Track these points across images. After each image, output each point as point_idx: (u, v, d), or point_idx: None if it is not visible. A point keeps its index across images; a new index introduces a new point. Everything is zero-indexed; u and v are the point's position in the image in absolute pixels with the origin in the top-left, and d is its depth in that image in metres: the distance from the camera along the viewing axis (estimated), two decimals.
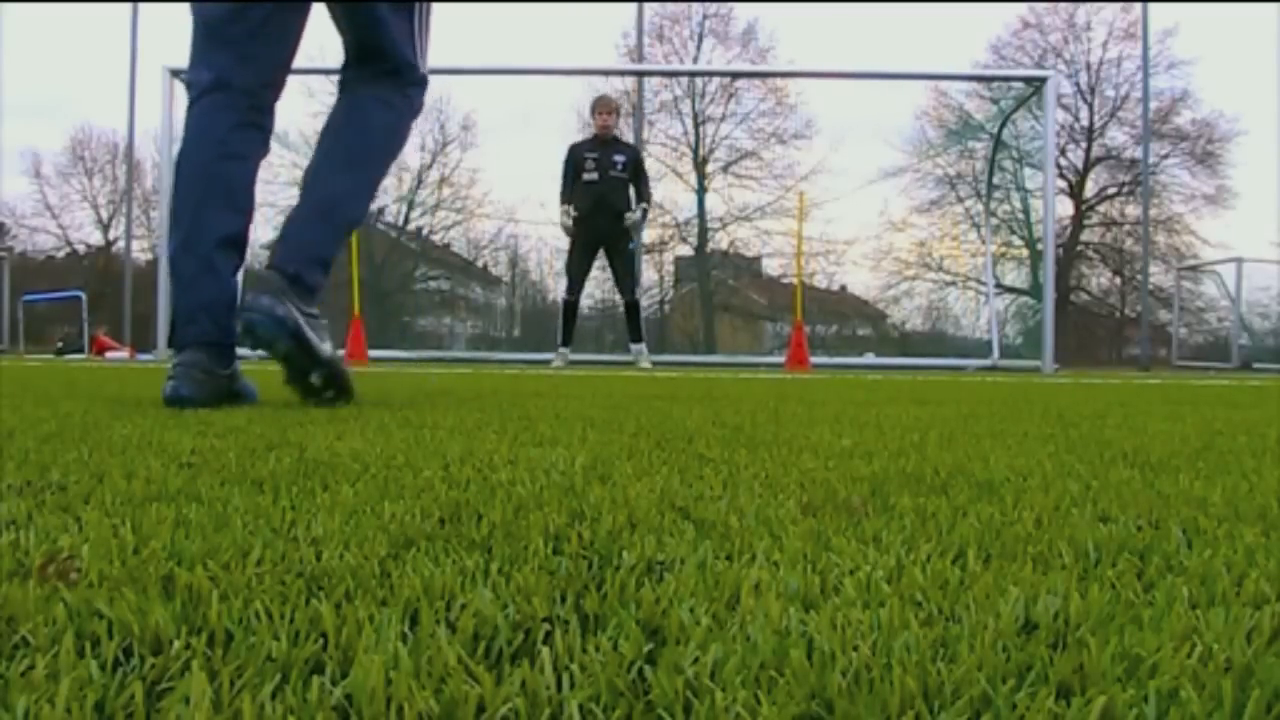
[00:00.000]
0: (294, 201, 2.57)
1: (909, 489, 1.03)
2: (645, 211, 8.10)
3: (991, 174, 12.86)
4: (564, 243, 8.42)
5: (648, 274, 15.26)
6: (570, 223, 7.96)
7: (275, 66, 2.42)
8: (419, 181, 20.04)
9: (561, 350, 8.64)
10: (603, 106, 8.25)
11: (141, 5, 14.76)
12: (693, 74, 20.14)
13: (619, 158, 8.07)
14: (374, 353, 10.09)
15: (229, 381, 2.31)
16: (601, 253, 8.27)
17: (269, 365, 2.45)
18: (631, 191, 8.13)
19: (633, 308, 8.51)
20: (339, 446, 1.36)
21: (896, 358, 13.40)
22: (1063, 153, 22.51)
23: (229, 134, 2.32)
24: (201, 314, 2.25)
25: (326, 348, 2.30)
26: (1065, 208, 22.93)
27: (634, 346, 8.65)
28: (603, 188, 7.95)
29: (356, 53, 2.53)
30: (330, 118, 2.51)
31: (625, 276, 8.33)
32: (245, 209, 2.37)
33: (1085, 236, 23.99)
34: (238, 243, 2.34)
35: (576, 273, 8.29)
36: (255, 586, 0.58)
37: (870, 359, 13.01)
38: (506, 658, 0.47)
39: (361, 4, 2.44)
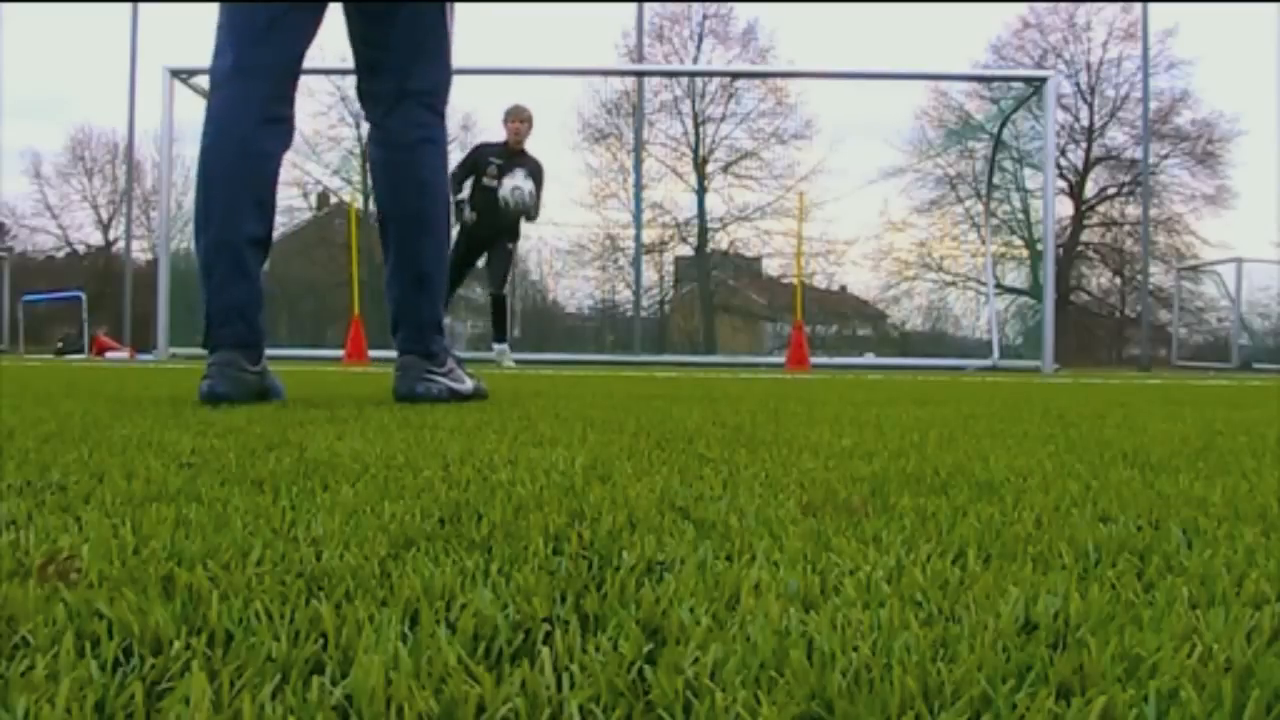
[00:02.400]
0: (294, 201, 2.65)
1: (909, 489, 1.03)
2: (533, 197, 7.89)
3: (991, 174, 12.86)
4: (564, 243, 8.42)
5: (648, 274, 15.26)
6: (469, 221, 7.86)
7: (292, 58, 2.46)
8: None
9: (498, 348, 8.54)
10: (515, 115, 8.11)
11: (141, 5, 14.76)
12: (693, 74, 20.14)
13: (520, 170, 7.90)
14: (374, 353, 10.08)
15: (260, 379, 2.42)
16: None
17: (299, 366, 2.47)
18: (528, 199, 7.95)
19: (499, 301, 8.41)
20: (339, 446, 1.36)
21: (896, 358, 13.40)
22: (1063, 153, 22.51)
23: (254, 130, 2.37)
24: (235, 315, 2.36)
25: (468, 384, 2.64)
26: (1065, 208, 22.94)
27: (496, 346, 8.56)
28: (496, 197, 7.81)
29: (391, 75, 2.55)
30: (386, 163, 2.59)
31: (499, 271, 8.25)
32: (271, 208, 2.47)
33: (1085, 236, 23.99)
34: (265, 243, 2.44)
35: (458, 274, 8.15)
36: (255, 586, 0.58)
37: (870, 359, 13.01)
38: (506, 658, 0.47)
39: (397, 4, 2.49)
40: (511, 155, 8.01)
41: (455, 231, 7.98)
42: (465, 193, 7.91)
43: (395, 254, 2.58)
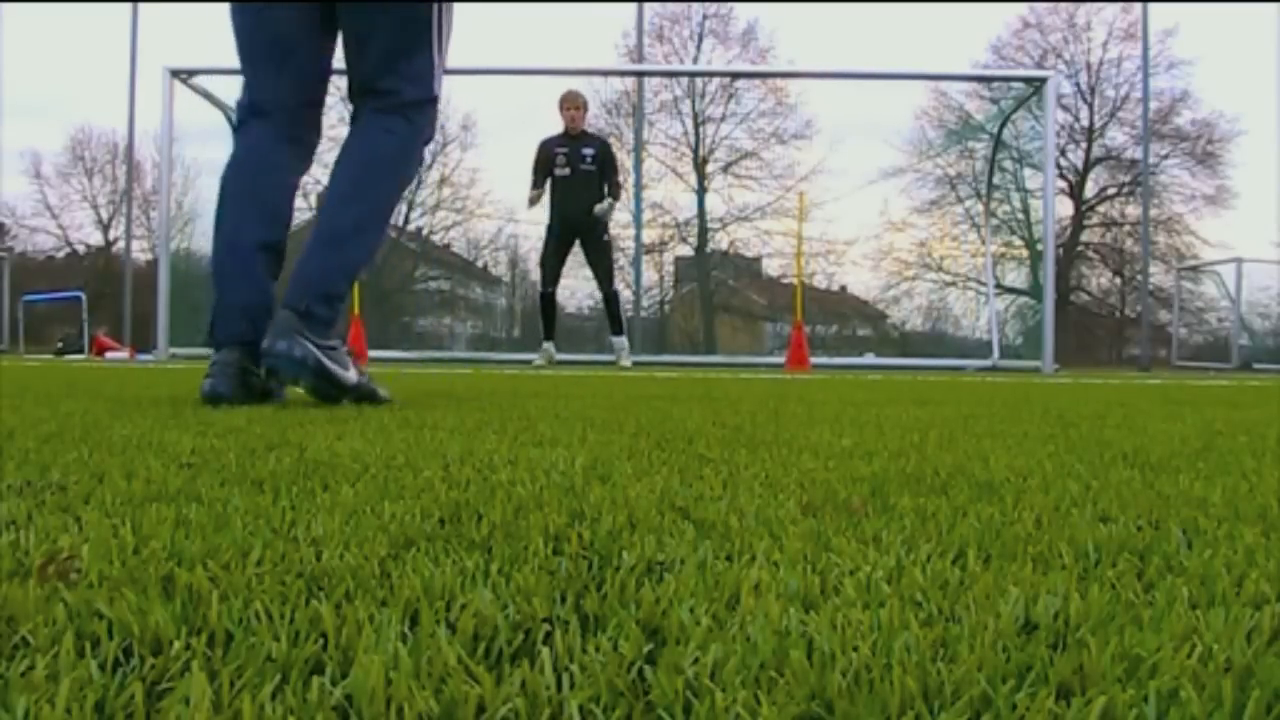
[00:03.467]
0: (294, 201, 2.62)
1: (909, 489, 1.03)
2: (612, 204, 8.13)
3: (991, 174, 12.86)
4: None
5: (648, 274, 15.27)
6: (535, 196, 8.06)
7: (306, 82, 2.58)
8: (419, 182, 20.04)
9: (545, 346, 8.63)
10: (569, 102, 8.24)
11: (141, 5, 14.76)
12: (693, 74, 20.14)
13: (588, 151, 8.12)
14: (374, 353, 10.08)
15: (262, 380, 2.41)
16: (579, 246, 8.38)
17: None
18: (605, 186, 8.19)
19: (610, 299, 8.48)
20: (339, 446, 1.36)
21: (896, 358, 13.40)
22: (1063, 153, 22.51)
23: (270, 152, 2.52)
24: (239, 315, 2.40)
25: (351, 374, 2.41)
26: (1065, 208, 22.94)
27: (615, 340, 8.66)
28: (573, 182, 8.03)
29: (360, 75, 2.57)
30: (344, 145, 2.59)
31: (601, 267, 8.36)
32: (285, 220, 2.54)
33: (1085, 237, 23.99)
34: (277, 250, 2.49)
35: (551, 267, 8.36)
36: (255, 586, 0.58)
37: (870, 359, 13.01)
38: (506, 658, 0.47)
39: (375, 4, 2.49)
40: (573, 140, 8.15)
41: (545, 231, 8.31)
42: (538, 192, 8.11)
43: (321, 218, 2.53)
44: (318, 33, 2.53)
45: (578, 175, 8.05)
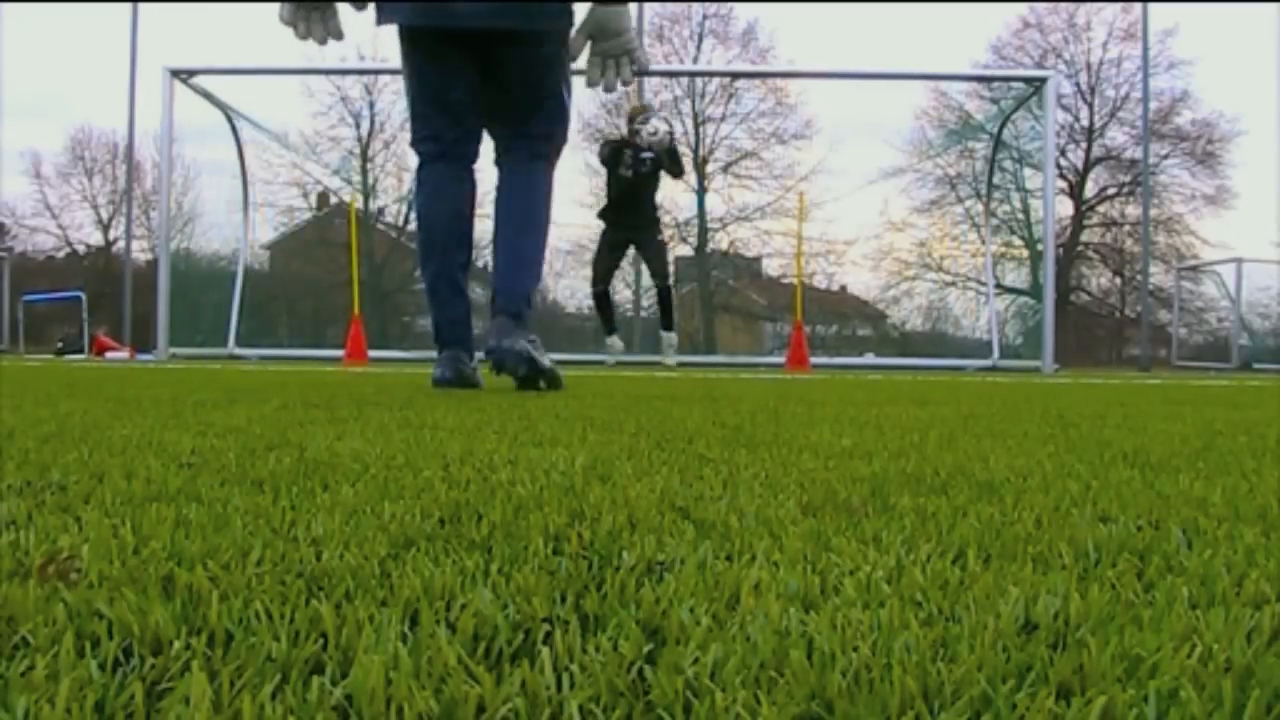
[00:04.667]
0: (294, 201, 2.87)
1: (909, 489, 1.03)
2: (670, 135, 8.35)
3: (991, 174, 12.86)
4: (563, 244, 8.60)
5: (647, 274, 15.25)
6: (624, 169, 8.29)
7: (472, 117, 3.25)
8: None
9: (610, 340, 8.90)
10: (638, 119, 8.54)
11: (141, 5, 14.77)
12: (693, 74, 20.14)
13: (648, 155, 8.35)
14: (374, 353, 10.09)
15: (472, 371, 3.29)
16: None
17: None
18: (661, 182, 8.44)
19: (665, 293, 8.73)
20: (339, 446, 1.36)
21: (896, 358, 13.40)
22: (1063, 153, 22.52)
23: (455, 189, 3.28)
24: (460, 324, 3.27)
25: (546, 360, 3.11)
26: (1065, 208, 22.95)
27: (665, 335, 8.88)
28: (635, 181, 8.30)
29: (511, 121, 3.26)
30: (507, 187, 3.27)
31: (658, 264, 8.60)
32: (469, 237, 3.33)
33: (1085, 237, 24.00)
34: (468, 263, 3.31)
35: (604, 265, 8.64)
36: (255, 586, 0.58)
37: (870, 359, 13.01)
38: (506, 658, 0.47)
39: (526, 50, 3.14)
40: (639, 148, 8.39)
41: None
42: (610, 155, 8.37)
43: (505, 242, 3.22)
44: (475, 79, 3.19)
45: (638, 173, 8.31)
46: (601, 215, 8.66)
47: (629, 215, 8.37)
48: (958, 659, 0.47)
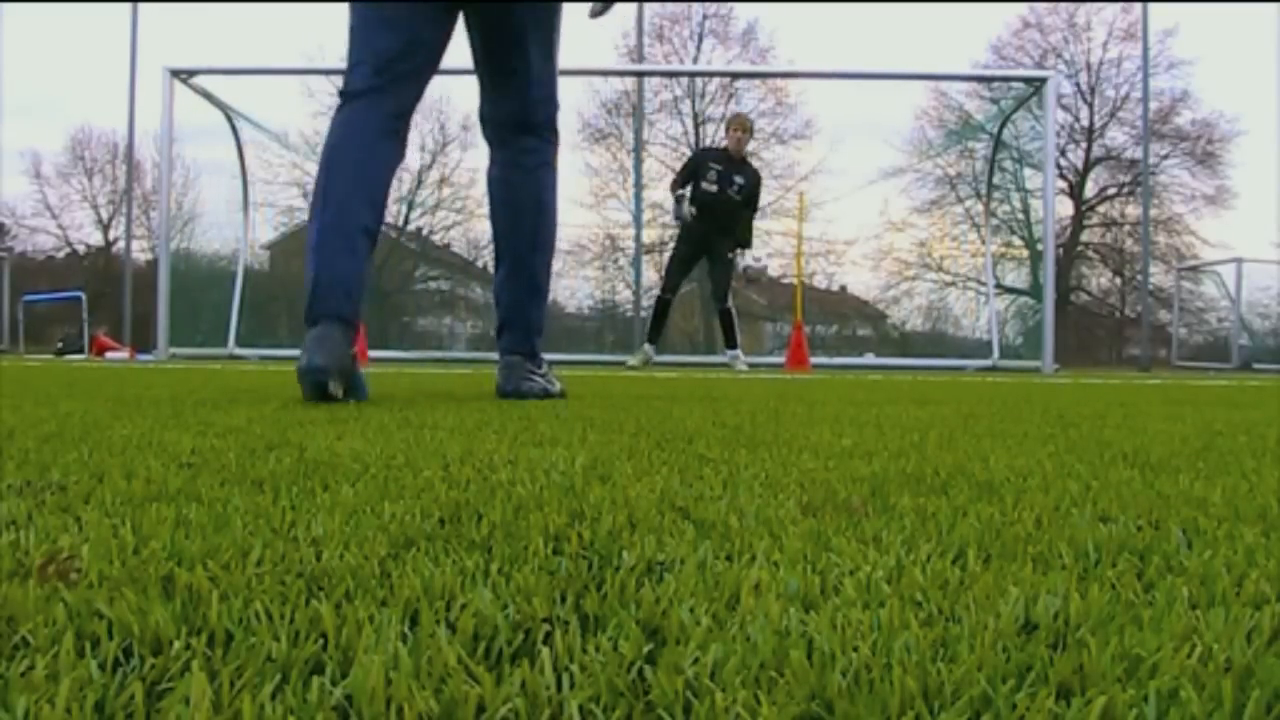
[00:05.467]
0: (295, 201, 2.71)
1: (909, 489, 1.03)
2: (739, 254, 8.31)
3: (991, 174, 12.86)
4: (563, 244, 8.53)
5: (648, 274, 15.25)
6: (689, 217, 8.12)
7: (420, 81, 2.69)
8: (419, 182, 20.05)
9: (646, 347, 8.81)
10: (737, 125, 8.44)
11: (141, 5, 14.75)
12: (693, 74, 20.15)
13: (740, 180, 8.23)
14: (374, 353, 10.08)
15: (352, 363, 2.46)
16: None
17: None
18: (744, 215, 8.32)
19: (726, 315, 8.64)
20: (339, 446, 1.36)
21: (896, 358, 13.39)
22: (1063, 153, 22.53)
23: (376, 140, 2.57)
24: (339, 289, 2.42)
25: (557, 386, 2.90)
26: (1065, 208, 22.95)
27: (729, 352, 8.79)
28: (718, 201, 8.14)
29: (513, 110, 2.80)
30: (503, 185, 2.86)
31: (720, 284, 8.48)
32: (381, 209, 2.61)
33: (1085, 237, 24.01)
34: (373, 236, 2.56)
35: (676, 274, 8.51)
36: (255, 586, 0.58)
37: (870, 359, 13.01)
38: (506, 658, 0.47)
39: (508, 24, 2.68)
40: (731, 162, 8.29)
41: (677, 232, 8.48)
42: (686, 191, 8.20)
43: (510, 265, 2.86)
44: (444, 35, 2.68)
45: (724, 196, 8.17)
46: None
47: (708, 231, 8.14)
48: (958, 659, 0.47)
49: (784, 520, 0.84)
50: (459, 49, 2.74)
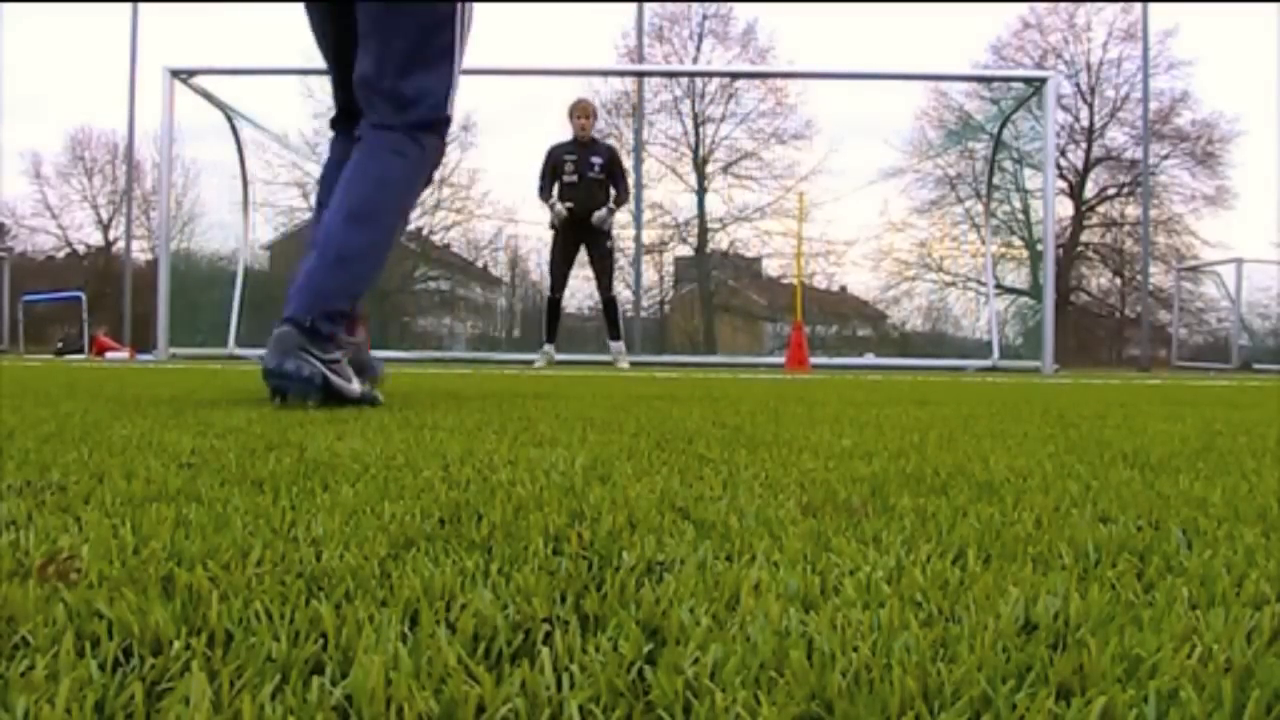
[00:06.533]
0: (294, 201, 2.69)
1: (909, 489, 1.03)
2: (612, 211, 8.29)
3: (991, 174, 12.86)
4: None
5: (648, 274, 15.29)
6: (564, 213, 8.16)
7: (338, 70, 2.63)
8: None
9: (546, 348, 8.78)
10: (580, 110, 8.46)
11: (141, 5, 14.76)
12: (693, 74, 20.15)
13: (596, 159, 8.29)
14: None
15: (359, 349, 2.50)
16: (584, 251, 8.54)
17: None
18: (612, 190, 8.33)
19: (609, 304, 8.63)
20: (339, 447, 1.36)
21: (896, 358, 13.39)
22: (1063, 153, 22.52)
23: (340, 165, 2.55)
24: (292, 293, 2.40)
25: (355, 387, 2.36)
26: (1065, 208, 22.95)
27: (612, 344, 8.82)
28: (581, 189, 8.21)
29: (369, 78, 2.49)
30: (347, 166, 2.51)
31: (603, 274, 8.50)
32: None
33: (1085, 237, 24.00)
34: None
35: (559, 272, 8.54)
36: (255, 586, 0.58)
37: (870, 359, 13.01)
38: (506, 658, 0.47)
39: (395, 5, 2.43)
40: (583, 147, 8.33)
41: (551, 235, 8.44)
42: (555, 194, 8.25)
43: (324, 235, 2.45)
44: (336, 29, 2.57)
45: (585, 182, 8.22)
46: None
47: (578, 220, 8.19)
48: (958, 659, 0.47)
49: (784, 520, 0.84)
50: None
